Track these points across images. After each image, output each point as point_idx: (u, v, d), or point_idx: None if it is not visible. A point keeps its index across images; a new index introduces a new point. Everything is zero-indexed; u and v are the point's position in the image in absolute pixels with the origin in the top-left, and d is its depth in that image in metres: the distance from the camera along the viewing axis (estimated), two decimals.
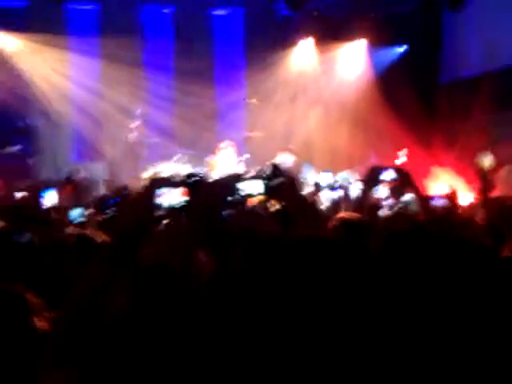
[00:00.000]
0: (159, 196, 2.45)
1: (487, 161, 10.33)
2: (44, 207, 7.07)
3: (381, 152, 12.97)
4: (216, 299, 1.81)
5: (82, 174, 10.49)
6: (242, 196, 3.66)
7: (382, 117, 13.48)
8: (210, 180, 9.83)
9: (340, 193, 7.50)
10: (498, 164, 10.34)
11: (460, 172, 11.56)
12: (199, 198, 2.52)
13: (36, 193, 7.15)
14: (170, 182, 2.54)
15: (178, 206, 2.71)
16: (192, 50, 13.06)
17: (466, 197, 9.23)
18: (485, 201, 7.63)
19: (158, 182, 2.52)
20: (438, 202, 7.10)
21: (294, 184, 3.59)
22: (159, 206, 2.46)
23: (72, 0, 12.97)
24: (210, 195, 2.53)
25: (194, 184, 2.58)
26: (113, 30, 12.87)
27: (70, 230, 4.67)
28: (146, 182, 2.50)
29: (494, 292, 2.24)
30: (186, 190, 2.61)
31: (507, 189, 9.33)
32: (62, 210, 6.71)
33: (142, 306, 1.67)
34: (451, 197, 7.96)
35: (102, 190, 10.21)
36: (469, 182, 10.83)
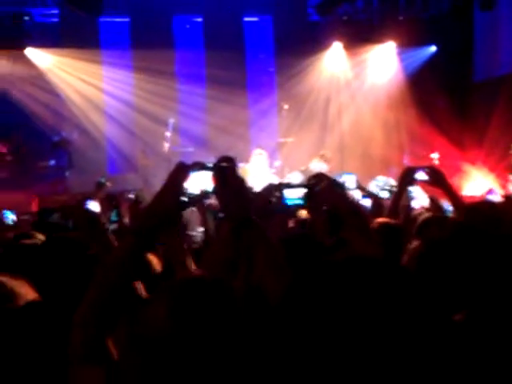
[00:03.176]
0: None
1: None
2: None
3: (414, 154, 12.90)
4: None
5: (111, 186, 10.39)
6: (290, 205, 3.47)
7: (414, 118, 13.42)
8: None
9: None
10: None
11: (491, 169, 11.46)
12: (226, 185, 2.32)
13: (82, 203, 7.41)
14: (200, 166, 2.26)
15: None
16: (223, 59, 13.08)
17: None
18: None
19: (188, 166, 2.31)
20: (495, 197, 7.03)
21: (339, 186, 3.46)
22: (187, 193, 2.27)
23: (104, 13, 13.08)
24: (239, 187, 2.32)
25: (223, 170, 2.28)
26: (144, 42, 13.04)
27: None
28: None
29: None
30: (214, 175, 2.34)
31: None
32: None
33: (183, 321, 1.66)
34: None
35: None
36: (500, 178, 10.72)
